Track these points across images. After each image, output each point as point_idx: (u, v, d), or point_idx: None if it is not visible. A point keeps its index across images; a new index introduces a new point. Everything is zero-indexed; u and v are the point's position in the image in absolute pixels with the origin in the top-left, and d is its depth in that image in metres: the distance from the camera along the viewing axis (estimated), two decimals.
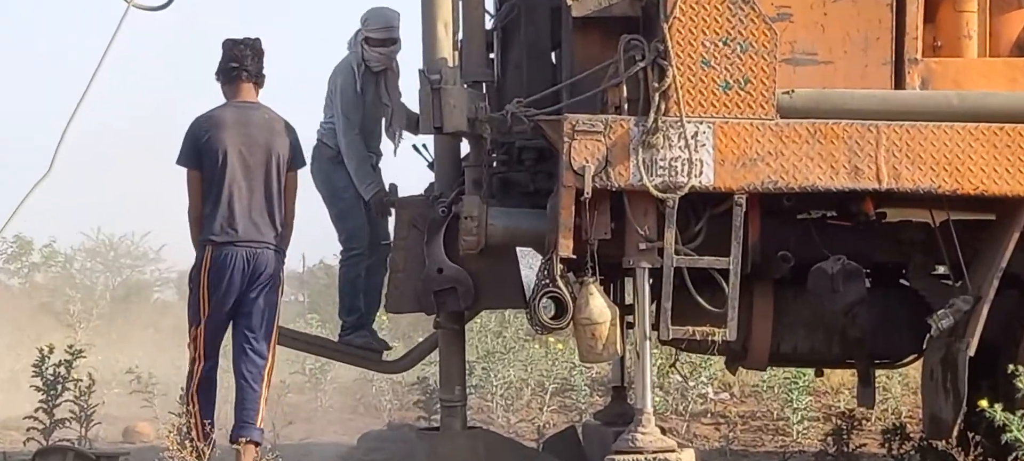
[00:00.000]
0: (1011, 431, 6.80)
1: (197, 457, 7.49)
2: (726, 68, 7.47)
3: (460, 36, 8.28)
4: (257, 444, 8.87)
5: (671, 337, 7.76)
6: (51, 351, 10.64)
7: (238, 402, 8.91)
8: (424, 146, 8.84)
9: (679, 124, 7.40)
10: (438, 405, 9.04)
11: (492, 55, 8.60)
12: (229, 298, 8.86)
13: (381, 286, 9.92)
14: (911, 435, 8.92)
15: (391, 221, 9.32)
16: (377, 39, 9.98)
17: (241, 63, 8.96)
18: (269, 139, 8.89)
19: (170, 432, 9.57)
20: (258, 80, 9.08)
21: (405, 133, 9.88)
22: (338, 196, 10.05)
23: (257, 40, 9.14)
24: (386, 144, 10.18)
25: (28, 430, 10.93)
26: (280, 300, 9.17)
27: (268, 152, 8.85)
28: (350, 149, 9.94)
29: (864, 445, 9.40)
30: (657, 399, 8.24)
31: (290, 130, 9.07)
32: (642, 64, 7.44)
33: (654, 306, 7.67)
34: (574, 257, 7.56)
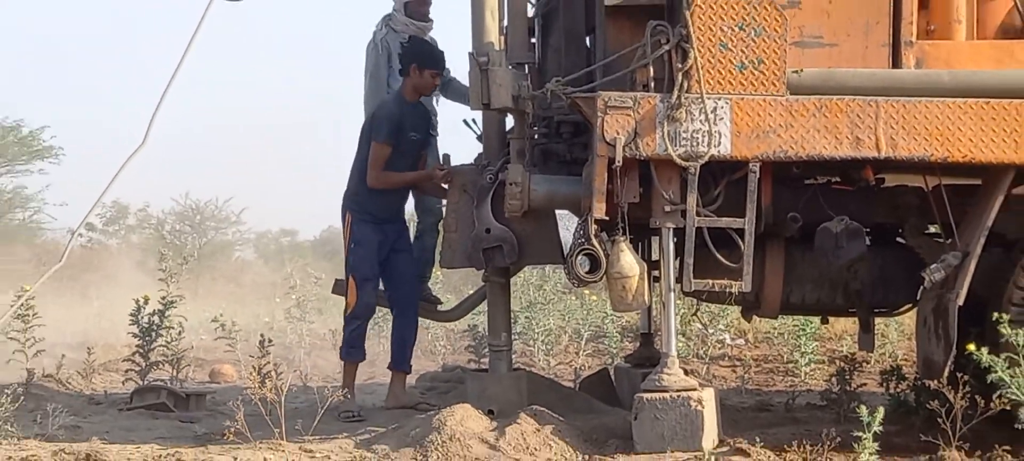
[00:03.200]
0: (996, 372, 6.79)
1: (271, 391, 7.52)
2: (742, 50, 7.48)
3: (505, 22, 8.29)
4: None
5: (693, 289, 7.81)
6: (146, 302, 10.73)
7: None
8: (473, 121, 8.87)
9: (700, 100, 7.42)
10: (486, 349, 9.08)
11: (533, 39, 8.60)
12: None
13: (434, 247, 9.95)
14: (906, 376, 8.92)
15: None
16: (414, 8, 9.97)
17: None
18: None
19: (252, 372, 9.68)
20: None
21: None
22: None
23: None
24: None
25: (126, 372, 11.04)
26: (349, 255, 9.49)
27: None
28: None
29: (864, 385, 9.40)
30: (680, 344, 8.27)
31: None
32: (667, 47, 7.48)
33: (678, 261, 7.71)
34: (607, 218, 7.62)
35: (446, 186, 9.03)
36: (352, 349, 9.45)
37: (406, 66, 9.21)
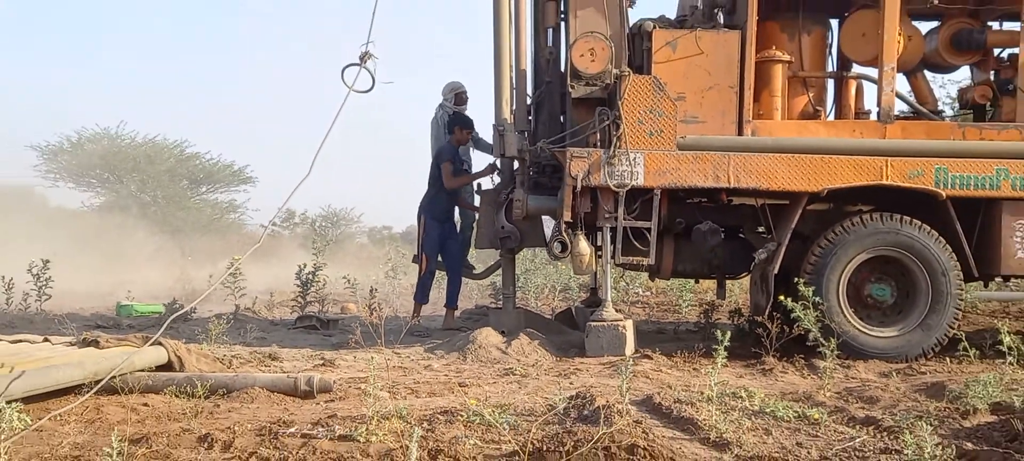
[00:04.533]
0: (796, 313, 6.79)
1: (376, 318, 7.56)
2: (651, 124, 7.49)
3: (514, 106, 8.27)
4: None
5: (621, 262, 7.83)
6: (304, 267, 10.76)
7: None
8: (496, 163, 8.85)
9: (626, 153, 7.45)
10: (501, 296, 9.07)
11: (530, 116, 8.58)
12: None
13: (470, 237, 9.92)
14: (743, 314, 8.91)
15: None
16: (456, 97, 9.89)
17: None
18: None
19: (364, 309, 9.64)
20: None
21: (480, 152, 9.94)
22: None
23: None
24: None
25: (292, 307, 11.07)
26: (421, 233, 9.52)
27: None
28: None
29: (719, 318, 9.39)
30: (613, 294, 8.27)
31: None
32: (607, 122, 7.52)
33: (612, 246, 7.68)
34: (571, 221, 7.63)
35: (477, 204, 9.09)
36: (423, 296, 9.51)
37: (450, 127, 9.39)
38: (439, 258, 9.52)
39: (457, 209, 9.84)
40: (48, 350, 6.18)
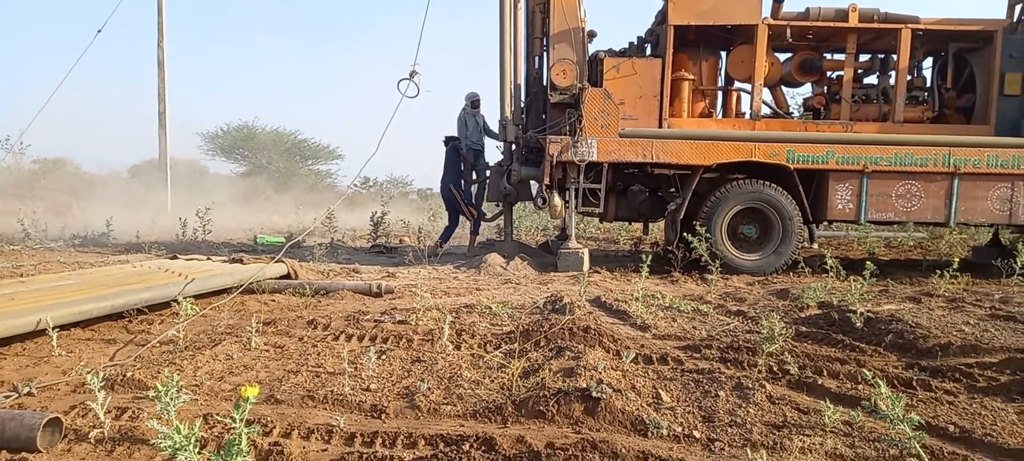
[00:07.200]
0: (694, 244, 6.79)
1: (422, 246, 7.56)
2: (602, 120, 7.40)
3: (513, 107, 8.20)
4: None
5: (581, 210, 7.76)
6: (375, 213, 10.71)
7: None
8: (501, 146, 8.76)
9: (586, 139, 7.35)
10: (503, 233, 9.06)
11: (523, 114, 8.50)
12: None
13: (484, 194, 9.86)
14: (659, 243, 8.90)
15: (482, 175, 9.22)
16: (472, 102, 9.56)
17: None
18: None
19: (414, 240, 9.58)
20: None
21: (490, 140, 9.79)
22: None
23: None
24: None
25: (368, 239, 11.00)
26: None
27: None
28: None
29: (644, 247, 9.39)
30: (575, 231, 8.25)
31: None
32: (573, 119, 7.41)
33: (575, 200, 7.65)
34: (549, 183, 7.56)
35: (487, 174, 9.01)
36: (476, 229, 9.28)
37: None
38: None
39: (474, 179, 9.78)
40: (209, 265, 6.20)
